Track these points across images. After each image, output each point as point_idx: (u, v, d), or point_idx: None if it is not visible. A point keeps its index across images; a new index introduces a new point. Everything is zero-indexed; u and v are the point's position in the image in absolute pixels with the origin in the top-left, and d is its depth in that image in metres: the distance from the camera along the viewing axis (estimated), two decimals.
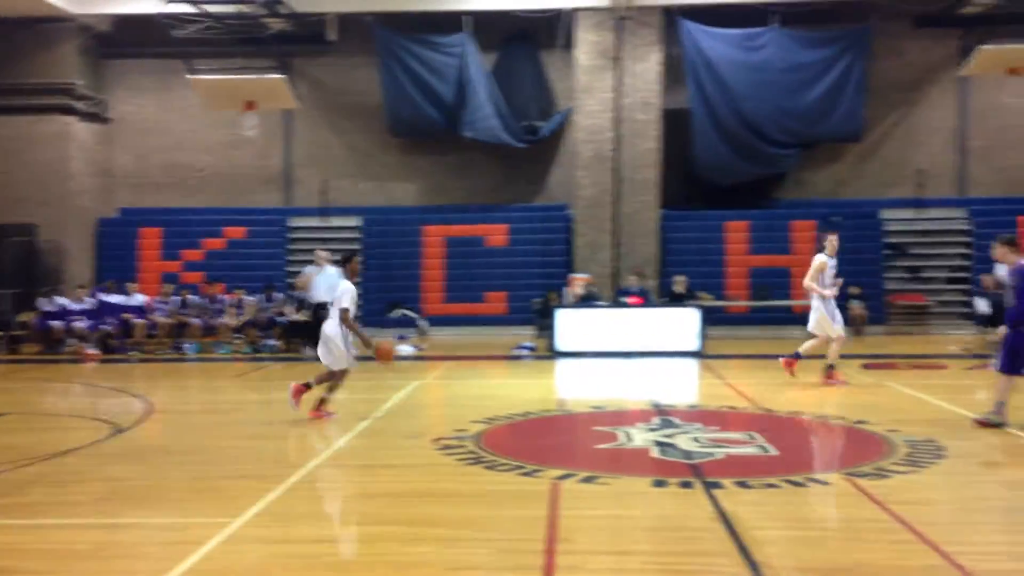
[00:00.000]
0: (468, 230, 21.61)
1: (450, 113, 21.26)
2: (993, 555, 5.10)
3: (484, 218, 21.77)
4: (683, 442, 8.32)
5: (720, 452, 7.89)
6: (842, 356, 15.21)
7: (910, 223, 20.94)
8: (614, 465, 7.64)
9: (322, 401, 9.67)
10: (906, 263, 20.70)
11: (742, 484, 6.74)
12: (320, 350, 9.65)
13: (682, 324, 16.43)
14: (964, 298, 20.18)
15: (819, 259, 12.19)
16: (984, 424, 8.83)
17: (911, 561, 5.07)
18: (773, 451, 7.99)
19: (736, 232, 20.91)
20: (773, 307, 20.03)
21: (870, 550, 5.27)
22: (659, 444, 8.30)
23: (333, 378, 9.69)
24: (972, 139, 21.14)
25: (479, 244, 21.49)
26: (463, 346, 18.32)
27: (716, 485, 6.69)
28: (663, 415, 9.82)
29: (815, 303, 12.28)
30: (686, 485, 6.76)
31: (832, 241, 12.28)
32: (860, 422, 9.27)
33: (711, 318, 17.67)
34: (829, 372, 12.06)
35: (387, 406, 10.72)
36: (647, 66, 20.25)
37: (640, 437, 8.63)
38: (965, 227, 20.65)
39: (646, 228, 20.46)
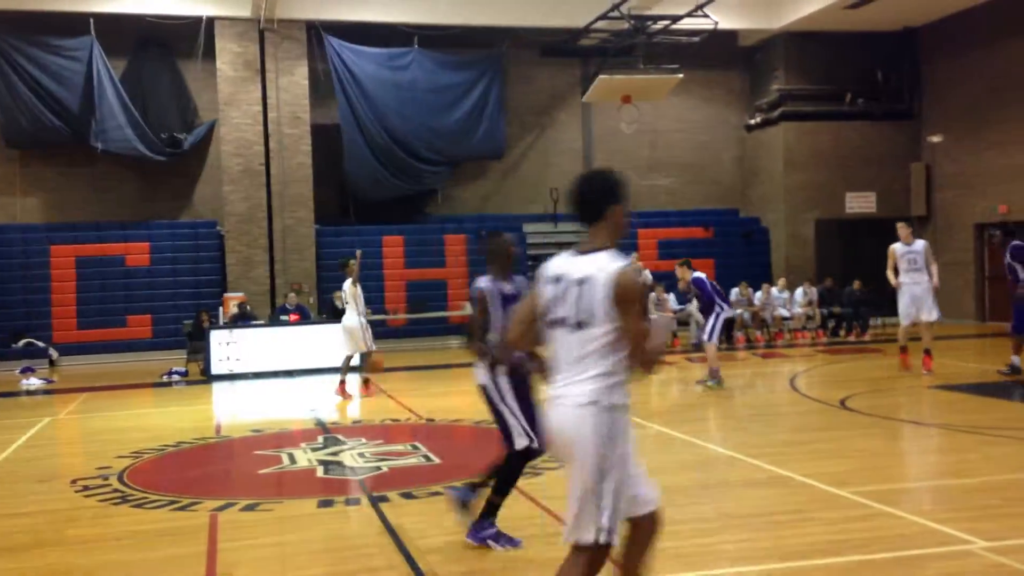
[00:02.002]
0: (104, 249, 19.82)
1: (77, 122, 19.42)
2: None
3: (123, 236, 20.11)
4: (348, 459, 8.28)
5: (385, 465, 7.95)
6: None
7: (548, 236, 22.64)
8: (277, 489, 7.41)
9: (367, 381, 12.81)
10: None
11: (407, 495, 6.85)
12: (343, 340, 12.47)
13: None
14: None
15: (890, 248, 12.39)
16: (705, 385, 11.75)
17: (563, 552, 5.43)
18: (436, 460, 8.21)
19: (392, 247, 21.29)
20: (430, 319, 20.66)
21: (527, 546, 5.58)
22: (324, 463, 8.19)
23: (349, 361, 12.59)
24: (595, 160, 23.37)
25: (118, 264, 19.82)
26: (103, 375, 16.77)
27: (383, 499, 6.73)
28: (327, 433, 9.71)
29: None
30: (353, 502, 6.73)
31: (901, 228, 12.51)
32: None
33: (371, 332, 17.78)
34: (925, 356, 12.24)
35: (12, 448, 9.50)
36: (294, 80, 19.98)
37: (304, 457, 8.46)
38: None
39: (302, 243, 20.17)
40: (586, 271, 3.51)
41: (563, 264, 3.63)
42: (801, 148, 22.30)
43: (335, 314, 18.12)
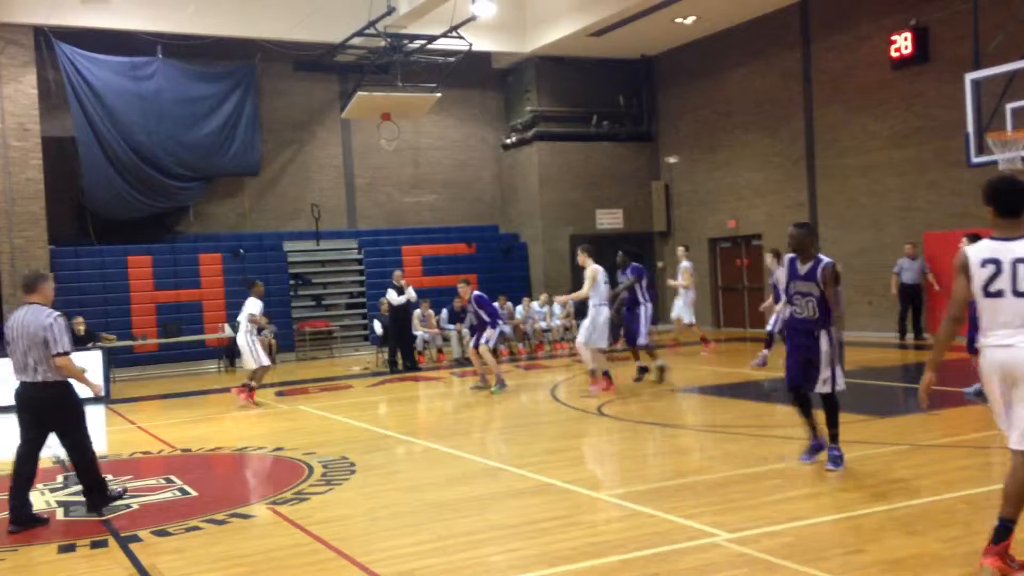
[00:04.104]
0: None
1: None
2: (401, 557, 5.59)
3: None
4: None
5: (135, 503, 7.42)
6: (262, 386, 15.44)
7: (310, 254, 22.17)
8: (10, 536, 6.69)
9: (253, 390, 13.17)
10: (310, 292, 21.87)
11: (162, 533, 6.42)
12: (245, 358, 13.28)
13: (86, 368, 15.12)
14: (362, 321, 22.01)
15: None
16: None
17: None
18: (193, 492, 7.77)
19: (139, 267, 19.96)
20: (185, 343, 19.57)
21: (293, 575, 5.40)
22: (65, 504, 7.53)
23: (257, 375, 13.31)
24: (357, 176, 23.20)
25: None
26: None
27: (133, 539, 6.27)
28: (68, 471, 8.92)
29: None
30: (99, 545, 6.22)
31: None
32: (278, 449, 9.50)
33: (117, 359, 16.62)
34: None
35: None
36: (21, 88, 18.26)
37: (42, 499, 7.71)
38: (357, 256, 22.55)
39: (34, 266, 18.41)
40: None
41: (991, 249, 4.61)
42: (554, 167, 23.32)
43: (75, 342, 16.73)
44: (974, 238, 10.54)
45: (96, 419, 13.61)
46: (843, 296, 7.27)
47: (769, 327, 14.40)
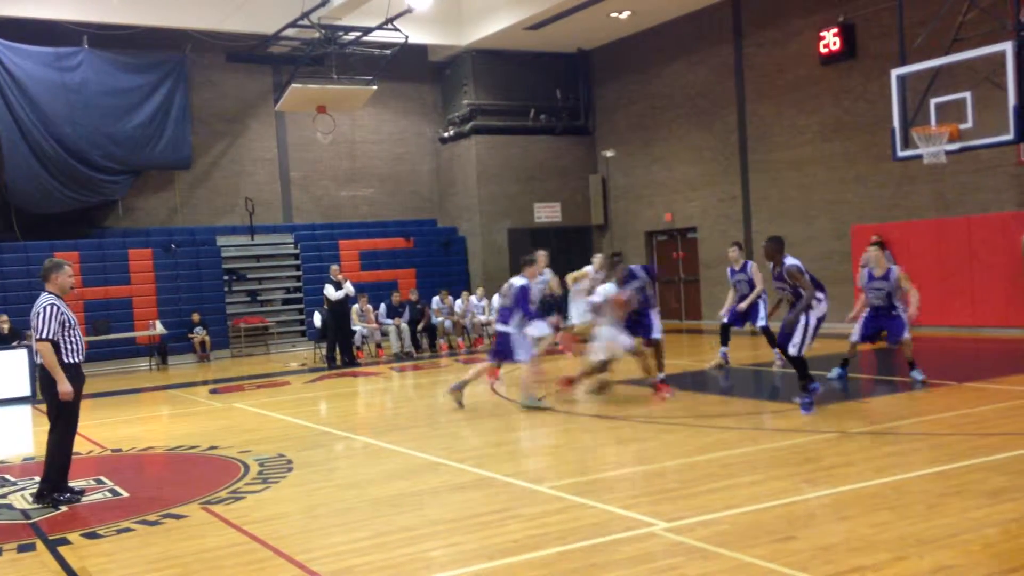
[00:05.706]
0: None
1: None
2: (340, 554, 5.54)
3: None
4: (20, 500, 7.44)
5: (64, 504, 7.22)
6: (191, 384, 15.22)
7: (245, 248, 21.82)
8: None
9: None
10: (245, 287, 21.53)
11: (92, 535, 6.27)
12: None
13: (10, 368, 14.72)
14: (299, 316, 21.74)
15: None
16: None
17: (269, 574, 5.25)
18: (124, 493, 7.60)
19: None
20: (114, 340, 19.10)
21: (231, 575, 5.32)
22: None
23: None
24: (292, 170, 22.89)
25: None
26: None
27: (62, 542, 6.12)
28: None
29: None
30: (26, 548, 6.05)
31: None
32: (213, 448, 9.34)
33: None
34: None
35: None
36: None
37: None
38: (293, 251, 22.26)
39: None
40: None
41: None
42: (492, 160, 23.31)
43: (1, 341, 16.23)
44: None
45: (22, 420, 13.22)
46: (809, 283, 9.15)
47: (762, 322, 12.77)
